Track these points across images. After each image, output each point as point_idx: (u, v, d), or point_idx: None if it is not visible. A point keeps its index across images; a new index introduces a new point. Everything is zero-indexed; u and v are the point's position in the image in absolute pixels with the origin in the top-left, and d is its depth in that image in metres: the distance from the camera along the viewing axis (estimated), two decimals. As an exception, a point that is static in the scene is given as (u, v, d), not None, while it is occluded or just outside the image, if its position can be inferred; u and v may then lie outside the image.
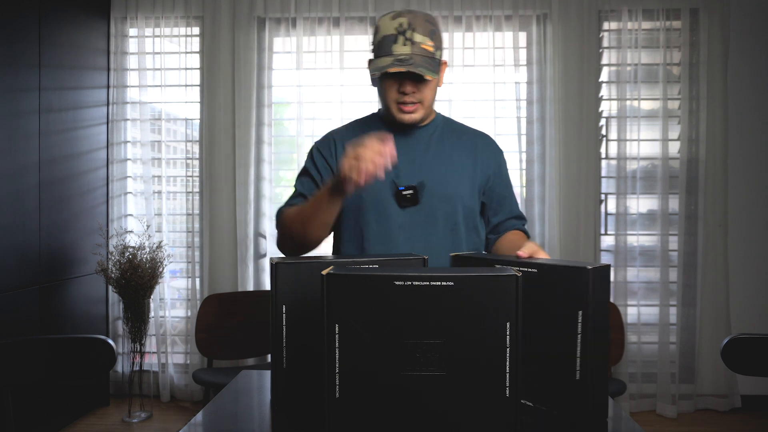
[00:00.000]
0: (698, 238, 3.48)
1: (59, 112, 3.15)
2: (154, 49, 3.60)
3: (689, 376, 3.51)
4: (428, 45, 1.44)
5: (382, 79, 1.47)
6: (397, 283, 0.93)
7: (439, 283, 0.92)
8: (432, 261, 1.31)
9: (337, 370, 0.94)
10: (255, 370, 1.44)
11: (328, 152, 1.59)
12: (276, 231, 1.58)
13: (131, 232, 3.59)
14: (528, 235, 1.63)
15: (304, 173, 1.62)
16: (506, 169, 1.65)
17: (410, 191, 1.50)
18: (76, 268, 3.27)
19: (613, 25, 3.53)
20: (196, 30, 3.63)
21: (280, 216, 1.55)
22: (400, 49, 1.42)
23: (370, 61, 1.51)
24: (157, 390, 3.61)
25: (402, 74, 1.43)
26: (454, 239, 1.53)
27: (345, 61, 3.52)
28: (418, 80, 1.45)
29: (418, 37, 1.43)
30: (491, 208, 1.61)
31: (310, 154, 1.63)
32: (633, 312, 3.47)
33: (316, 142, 1.64)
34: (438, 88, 1.54)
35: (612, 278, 3.48)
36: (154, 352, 3.59)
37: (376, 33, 1.47)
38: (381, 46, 1.45)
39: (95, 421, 3.32)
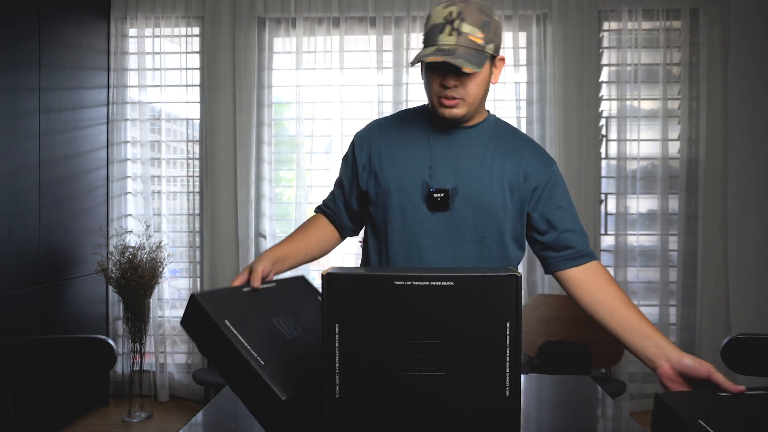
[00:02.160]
0: (698, 238, 3.48)
1: (59, 112, 3.15)
2: (154, 49, 3.60)
3: (689, 376, 3.50)
4: (477, 37, 1.33)
5: (426, 71, 1.39)
6: (397, 283, 0.93)
7: (439, 283, 0.92)
8: None
9: (337, 370, 0.94)
10: (255, 370, 1.43)
11: (359, 149, 1.52)
12: None
13: (131, 232, 3.58)
14: (595, 258, 1.49)
15: (340, 172, 1.59)
16: (561, 180, 1.49)
17: (441, 194, 1.42)
18: (76, 268, 3.27)
19: (613, 25, 3.53)
20: (196, 30, 3.63)
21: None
22: (446, 39, 1.33)
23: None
24: (157, 390, 3.61)
25: (445, 67, 1.34)
26: (482, 251, 1.44)
27: (345, 61, 3.51)
28: (461, 73, 1.35)
29: (466, 28, 1.32)
30: (542, 222, 1.47)
31: (348, 150, 1.57)
32: (633, 312, 3.46)
33: (356, 134, 1.55)
34: (491, 85, 1.43)
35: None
36: (153, 352, 3.60)
37: (426, 22, 1.39)
38: (428, 36, 1.37)
39: (95, 421, 3.32)
